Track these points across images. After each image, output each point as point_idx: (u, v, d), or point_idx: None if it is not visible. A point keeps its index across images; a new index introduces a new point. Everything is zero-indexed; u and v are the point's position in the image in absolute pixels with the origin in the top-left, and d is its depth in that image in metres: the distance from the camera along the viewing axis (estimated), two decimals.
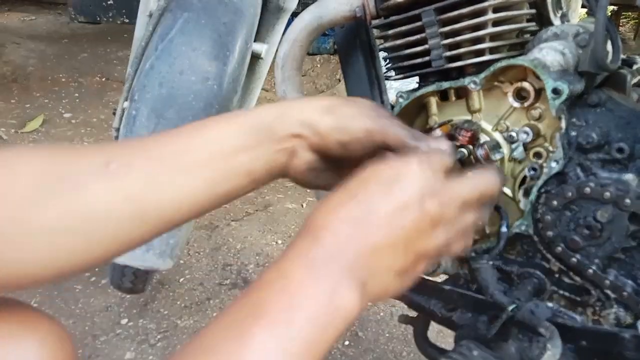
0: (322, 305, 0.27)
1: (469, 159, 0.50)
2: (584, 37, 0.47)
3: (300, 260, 0.29)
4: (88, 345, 1.22)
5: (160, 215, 0.34)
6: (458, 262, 0.60)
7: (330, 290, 0.28)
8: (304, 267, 0.28)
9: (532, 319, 0.42)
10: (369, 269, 0.30)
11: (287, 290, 0.27)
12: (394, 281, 0.32)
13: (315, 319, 0.27)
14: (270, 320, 0.26)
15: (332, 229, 0.30)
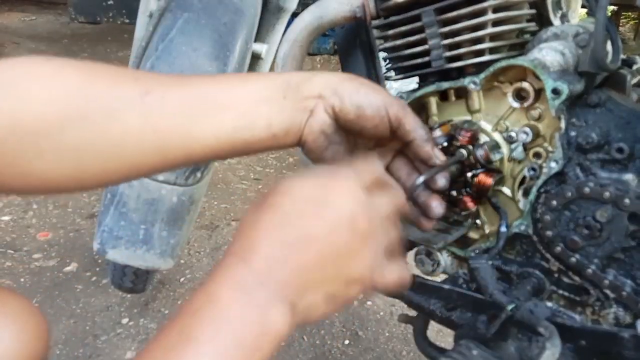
0: (250, 329, 0.28)
1: (468, 159, 0.50)
2: (584, 37, 0.47)
3: (229, 284, 0.29)
4: (89, 345, 1.23)
5: (183, 151, 0.36)
6: (458, 261, 0.60)
7: (259, 313, 0.28)
8: (233, 291, 0.28)
9: (532, 319, 0.42)
10: (299, 290, 0.30)
11: (215, 315, 0.27)
12: (324, 303, 0.32)
13: (243, 342, 0.27)
14: (199, 347, 0.26)
15: (263, 253, 0.30)
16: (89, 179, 0.35)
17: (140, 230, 0.89)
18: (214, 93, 0.37)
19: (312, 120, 0.39)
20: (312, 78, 0.40)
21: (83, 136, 0.33)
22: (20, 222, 1.75)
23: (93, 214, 1.81)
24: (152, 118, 0.34)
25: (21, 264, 1.52)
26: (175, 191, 0.88)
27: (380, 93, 0.40)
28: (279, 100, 0.38)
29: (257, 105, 0.37)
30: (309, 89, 0.39)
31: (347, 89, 0.39)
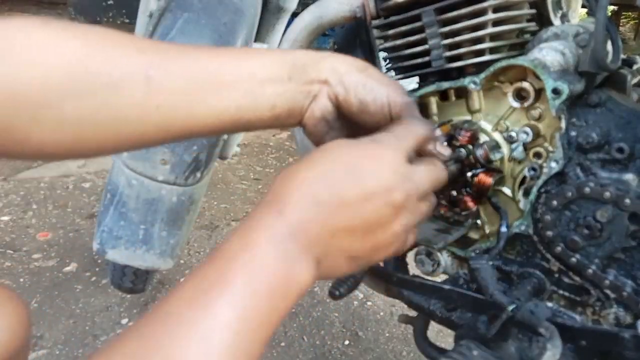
0: (281, 279, 0.29)
1: (468, 159, 0.50)
2: (584, 37, 0.47)
3: (264, 234, 0.29)
4: (88, 345, 1.22)
5: (184, 127, 0.36)
6: (458, 261, 0.60)
7: (289, 266, 0.29)
8: (267, 241, 0.29)
9: (532, 319, 0.42)
10: (326, 250, 0.31)
11: (251, 263, 0.28)
12: (346, 263, 0.33)
13: (273, 290, 0.28)
14: (234, 292, 0.27)
15: (299, 207, 0.30)
16: (88, 149, 0.35)
17: (139, 230, 0.89)
18: (219, 69, 0.36)
19: (315, 105, 0.39)
20: (320, 61, 0.39)
21: (83, 109, 0.32)
22: (20, 222, 1.74)
23: (93, 214, 1.81)
24: (155, 94, 0.33)
25: (21, 264, 1.52)
26: (175, 191, 0.88)
27: (386, 88, 0.39)
28: (283, 81, 0.37)
29: (261, 85, 0.36)
30: (315, 73, 0.38)
31: (354, 80, 0.39)
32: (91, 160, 2.27)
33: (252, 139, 2.80)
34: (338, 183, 0.32)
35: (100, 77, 0.32)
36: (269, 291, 0.28)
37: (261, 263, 0.28)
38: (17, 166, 2.14)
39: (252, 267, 0.28)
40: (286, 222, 0.30)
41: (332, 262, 0.32)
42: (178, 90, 0.34)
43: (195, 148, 0.85)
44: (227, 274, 0.27)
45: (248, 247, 0.29)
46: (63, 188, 2.00)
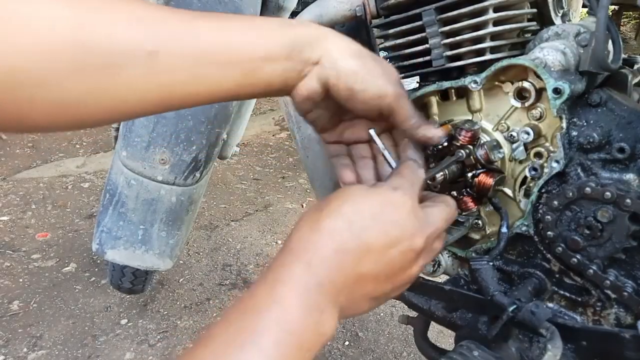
0: (309, 331, 0.29)
1: (469, 159, 0.50)
2: (585, 37, 0.47)
3: (294, 287, 0.30)
4: (88, 346, 1.22)
5: (182, 102, 0.35)
6: (459, 262, 0.60)
7: (317, 318, 0.30)
8: (297, 296, 0.29)
9: (533, 320, 0.42)
10: (351, 296, 0.33)
11: (281, 318, 0.28)
12: (367, 304, 0.35)
13: (302, 344, 0.29)
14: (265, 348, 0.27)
15: (326, 258, 0.31)
16: (86, 124, 0.34)
17: (139, 231, 0.89)
18: (225, 45, 0.35)
19: (302, 84, 0.39)
20: (318, 43, 0.38)
21: (81, 90, 0.31)
22: (19, 222, 1.74)
23: (92, 214, 1.81)
24: (157, 72, 0.33)
25: (20, 264, 1.51)
26: (174, 191, 0.88)
27: (379, 79, 0.39)
28: (282, 60, 0.37)
29: (262, 63, 0.36)
30: (310, 53, 0.38)
31: (347, 67, 0.38)
32: (90, 160, 2.27)
33: (252, 139, 2.80)
34: (363, 232, 0.32)
35: (99, 60, 0.30)
36: (298, 345, 0.28)
37: (291, 318, 0.28)
38: (16, 166, 2.14)
39: (283, 322, 0.28)
40: (314, 274, 0.30)
41: (355, 306, 0.33)
42: (181, 67, 0.33)
43: (194, 148, 0.85)
44: (257, 328, 0.28)
45: (277, 301, 0.29)
46: (62, 188, 2.00)
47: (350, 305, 0.33)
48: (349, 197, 0.34)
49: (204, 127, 0.84)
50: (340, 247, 0.31)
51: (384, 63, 0.41)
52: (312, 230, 0.32)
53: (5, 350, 1.18)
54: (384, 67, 0.40)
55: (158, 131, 0.82)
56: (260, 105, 3.15)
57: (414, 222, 0.34)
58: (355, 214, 0.33)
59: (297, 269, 0.30)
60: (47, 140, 2.38)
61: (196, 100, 0.36)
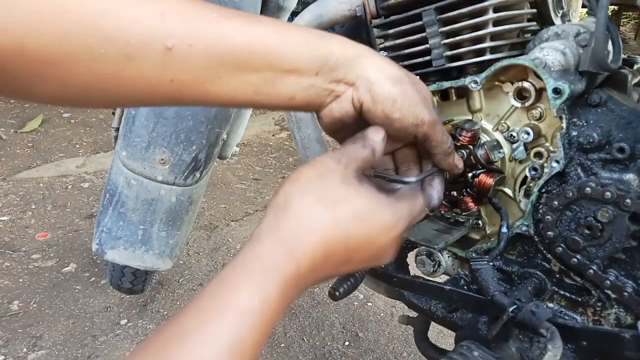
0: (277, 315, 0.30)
1: (469, 159, 0.50)
2: (585, 37, 0.47)
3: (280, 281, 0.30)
4: (87, 346, 1.22)
5: (194, 100, 0.34)
6: (459, 262, 0.60)
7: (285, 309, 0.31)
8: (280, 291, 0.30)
9: (533, 320, 0.42)
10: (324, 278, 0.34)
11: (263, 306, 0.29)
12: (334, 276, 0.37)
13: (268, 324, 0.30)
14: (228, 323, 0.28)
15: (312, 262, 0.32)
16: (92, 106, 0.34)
17: (139, 231, 0.89)
18: (246, 49, 0.33)
19: (335, 104, 0.37)
20: (354, 62, 0.36)
21: (92, 74, 0.30)
22: (19, 222, 1.74)
23: (92, 214, 1.81)
24: (171, 68, 0.32)
25: (20, 264, 1.51)
26: (174, 191, 0.88)
27: (416, 107, 0.37)
28: (310, 75, 0.35)
29: (285, 75, 0.35)
30: (345, 73, 0.36)
31: (384, 93, 0.36)
32: (90, 160, 2.27)
33: (252, 139, 2.80)
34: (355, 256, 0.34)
35: (116, 46, 0.30)
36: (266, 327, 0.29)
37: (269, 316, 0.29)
38: (16, 166, 2.14)
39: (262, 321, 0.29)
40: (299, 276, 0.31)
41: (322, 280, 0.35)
42: (197, 66, 0.32)
43: (194, 148, 0.85)
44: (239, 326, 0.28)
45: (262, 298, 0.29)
46: (62, 188, 2.00)
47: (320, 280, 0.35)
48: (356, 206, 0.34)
49: (204, 127, 0.84)
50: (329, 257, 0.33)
51: (421, 86, 0.39)
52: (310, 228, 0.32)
53: (5, 350, 1.18)
54: (421, 92, 0.39)
55: (158, 131, 0.82)
56: None
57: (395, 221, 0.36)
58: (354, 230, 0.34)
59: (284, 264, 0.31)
60: (47, 140, 2.38)
61: (209, 100, 0.34)
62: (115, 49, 0.30)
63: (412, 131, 0.38)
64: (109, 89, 0.31)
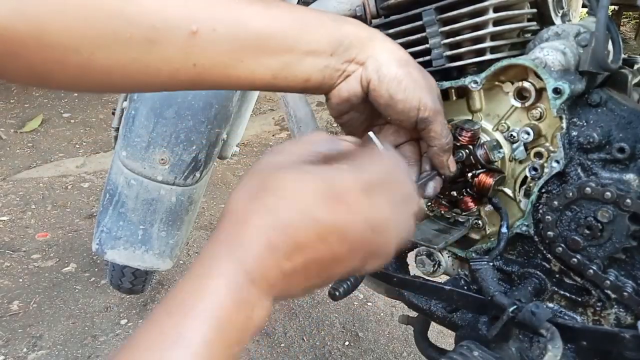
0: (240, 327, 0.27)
1: (468, 159, 0.50)
2: (585, 37, 0.47)
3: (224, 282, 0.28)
4: (88, 346, 1.22)
5: (215, 83, 0.34)
6: (459, 262, 0.60)
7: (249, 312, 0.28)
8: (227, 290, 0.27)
9: (533, 320, 0.42)
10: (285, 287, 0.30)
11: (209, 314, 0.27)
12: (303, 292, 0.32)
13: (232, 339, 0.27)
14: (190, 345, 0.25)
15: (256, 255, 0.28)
16: (114, 90, 0.34)
17: (139, 231, 0.89)
18: (266, 34, 0.34)
19: (344, 84, 0.38)
20: (366, 43, 0.37)
21: (114, 60, 0.30)
22: (19, 222, 1.74)
23: (92, 214, 1.81)
24: (194, 53, 0.32)
25: (20, 264, 1.51)
26: (174, 191, 0.88)
27: (421, 91, 0.38)
28: (326, 56, 0.36)
29: (303, 57, 0.35)
30: (357, 53, 0.37)
31: (391, 73, 0.37)
32: (90, 160, 2.27)
33: (252, 138, 2.80)
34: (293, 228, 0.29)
35: (141, 30, 0.30)
36: (227, 341, 0.27)
37: (221, 315, 0.27)
38: (16, 166, 2.13)
39: (212, 319, 0.26)
40: (245, 270, 0.28)
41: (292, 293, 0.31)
42: (219, 50, 0.33)
43: (194, 148, 0.85)
44: (183, 324, 0.26)
45: (206, 297, 0.27)
46: (62, 188, 2.00)
47: (286, 293, 0.31)
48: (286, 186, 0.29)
49: (204, 127, 0.84)
50: (272, 246, 0.29)
51: (428, 75, 0.40)
52: (244, 221, 0.29)
53: (5, 350, 1.18)
54: (427, 79, 0.40)
55: (158, 131, 0.82)
56: (260, 105, 3.15)
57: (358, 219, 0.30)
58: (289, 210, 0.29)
59: (227, 265, 0.28)
60: (47, 140, 2.38)
61: (228, 84, 0.35)
62: (140, 34, 0.30)
63: (414, 115, 0.38)
64: (132, 74, 0.31)
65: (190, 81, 0.33)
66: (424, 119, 0.39)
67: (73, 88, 0.32)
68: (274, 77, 0.35)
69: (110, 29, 0.29)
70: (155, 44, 0.30)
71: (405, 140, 0.45)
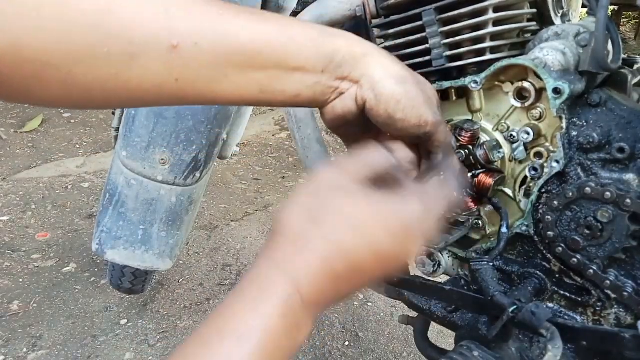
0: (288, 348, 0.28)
1: (468, 159, 0.50)
2: (585, 37, 0.47)
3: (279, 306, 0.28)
4: (87, 346, 1.22)
5: (199, 99, 0.33)
6: (459, 262, 0.60)
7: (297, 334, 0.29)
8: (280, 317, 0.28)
9: (533, 320, 0.42)
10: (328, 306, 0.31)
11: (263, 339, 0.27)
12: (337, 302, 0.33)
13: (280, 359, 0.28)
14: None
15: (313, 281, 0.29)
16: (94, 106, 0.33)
17: (139, 231, 0.89)
18: (252, 48, 0.32)
19: (339, 102, 0.37)
20: (360, 60, 0.36)
21: (94, 76, 0.29)
22: (19, 222, 1.74)
23: (92, 214, 1.81)
24: (176, 67, 0.31)
25: (20, 264, 1.51)
26: (174, 191, 0.88)
27: (420, 108, 0.36)
28: (316, 72, 0.35)
29: (291, 73, 0.34)
30: (349, 71, 0.36)
31: (388, 92, 0.35)
32: (90, 160, 2.27)
33: (252, 139, 2.80)
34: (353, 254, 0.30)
35: (119, 44, 0.29)
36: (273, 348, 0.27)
37: (274, 335, 0.27)
38: (16, 166, 2.13)
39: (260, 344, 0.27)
40: (301, 295, 0.29)
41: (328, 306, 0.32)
42: (203, 64, 0.31)
43: (194, 148, 0.85)
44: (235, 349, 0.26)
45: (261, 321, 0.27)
46: (62, 188, 2.00)
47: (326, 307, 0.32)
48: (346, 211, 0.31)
49: (204, 127, 0.84)
50: (331, 273, 0.30)
51: (427, 87, 0.39)
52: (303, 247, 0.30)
53: (5, 350, 1.18)
54: (426, 93, 0.38)
55: (158, 131, 0.82)
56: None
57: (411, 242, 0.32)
58: (350, 236, 0.30)
59: (283, 286, 0.28)
60: (47, 140, 2.38)
61: (213, 99, 0.34)
62: (118, 48, 0.29)
63: (415, 132, 0.37)
64: (113, 90, 0.30)
65: (174, 96, 0.33)
66: (426, 134, 0.38)
67: (54, 104, 0.31)
68: (261, 92, 0.34)
69: (87, 43, 0.28)
70: (135, 58, 0.29)
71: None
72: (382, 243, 0.31)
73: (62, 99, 0.30)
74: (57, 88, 0.29)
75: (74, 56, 0.28)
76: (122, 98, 0.32)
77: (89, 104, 0.32)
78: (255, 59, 0.33)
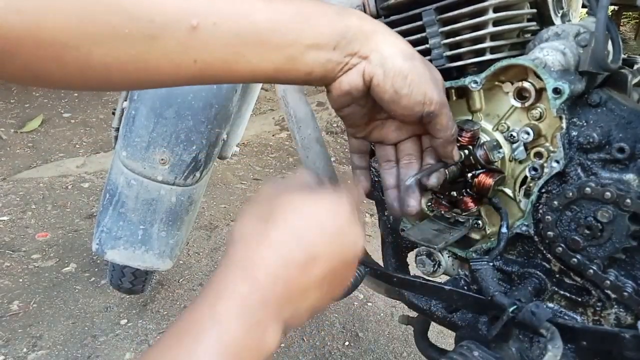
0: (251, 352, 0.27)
1: (468, 159, 0.50)
2: (585, 37, 0.47)
3: (236, 304, 0.28)
4: (87, 346, 1.22)
5: (216, 79, 0.34)
6: (459, 262, 0.60)
7: (260, 336, 0.28)
8: (238, 315, 0.27)
9: (533, 320, 0.42)
10: (295, 309, 0.31)
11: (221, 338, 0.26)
12: (309, 315, 0.33)
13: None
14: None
15: (269, 272, 0.29)
16: (115, 88, 0.33)
17: (139, 231, 0.89)
18: (269, 28, 0.33)
19: (345, 77, 0.37)
20: (370, 37, 0.37)
21: (115, 56, 0.29)
22: (19, 222, 1.74)
23: (92, 214, 1.81)
24: (195, 50, 0.31)
25: (20, 264, 1.51)
26: (174, 191, 0.88)
27: (426, 85, 0.37)
28: (328, 49, 0.35)
29: (306, 50, 0.35)
30: (360, 47, 0.36)
31: (396, 68, 0.36)
32: (90, 160, 2.27)
33: (252, 138, 2.80)
34: (311, 245, 0.31)
35: (140, 25, 0.29)
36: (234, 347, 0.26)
37: (232, 337, 0.27)
38: (16, 166, 2.13)
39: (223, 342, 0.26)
40: (256, 289, 0.28)
41: (298, 318, 0.32)
42: (221, 45, 0.32)
43: (194, 148, 0.85)
44: (196, 352, 0.26)
45: (218, 320, 0.27)
46: (62, 188, 2.00)
47: (294, 318, 0.31)
48: (294, 207, 0.32)
49: (204, 127, 0.84)
50: (288, 261, 0.30)
51: (432, 67, 0.40)
52: (257, 242, 0.30)
53: (5, 350, 1.18)
54: (432, 72, 0.39)
55: (158, 131, 0.82)
56: (260, 105, 3.15)
57: (358, 231, 0.33)
58: (302, 226, 0.31)
59: (240, 285, 0.28)
60: (47, 140, 2.38)
61: (231, 78, 0.34)
62: (139, 29, 0.29)
63: (419, 110, 0.38)
64: (132, 71, 0.31)
65: (192, 77, 0.33)
66: (430, 113, 0.38)
67: (72, 86, 0.32)
68: (276, 71, 0.35)
69: (108, 24, 0.28)
70: (155, 39, 0.29)
71: (407, 137, 0.45)
72: (330, 226, 0.32)
73: (80, 80, 0.30)
74: (76, 70, 0.29)
75: (94, 37, 0.28)
76: (141, 79, 0.32)
77: (108, 85, 0.32)
78: (272, 38, 0.33)
